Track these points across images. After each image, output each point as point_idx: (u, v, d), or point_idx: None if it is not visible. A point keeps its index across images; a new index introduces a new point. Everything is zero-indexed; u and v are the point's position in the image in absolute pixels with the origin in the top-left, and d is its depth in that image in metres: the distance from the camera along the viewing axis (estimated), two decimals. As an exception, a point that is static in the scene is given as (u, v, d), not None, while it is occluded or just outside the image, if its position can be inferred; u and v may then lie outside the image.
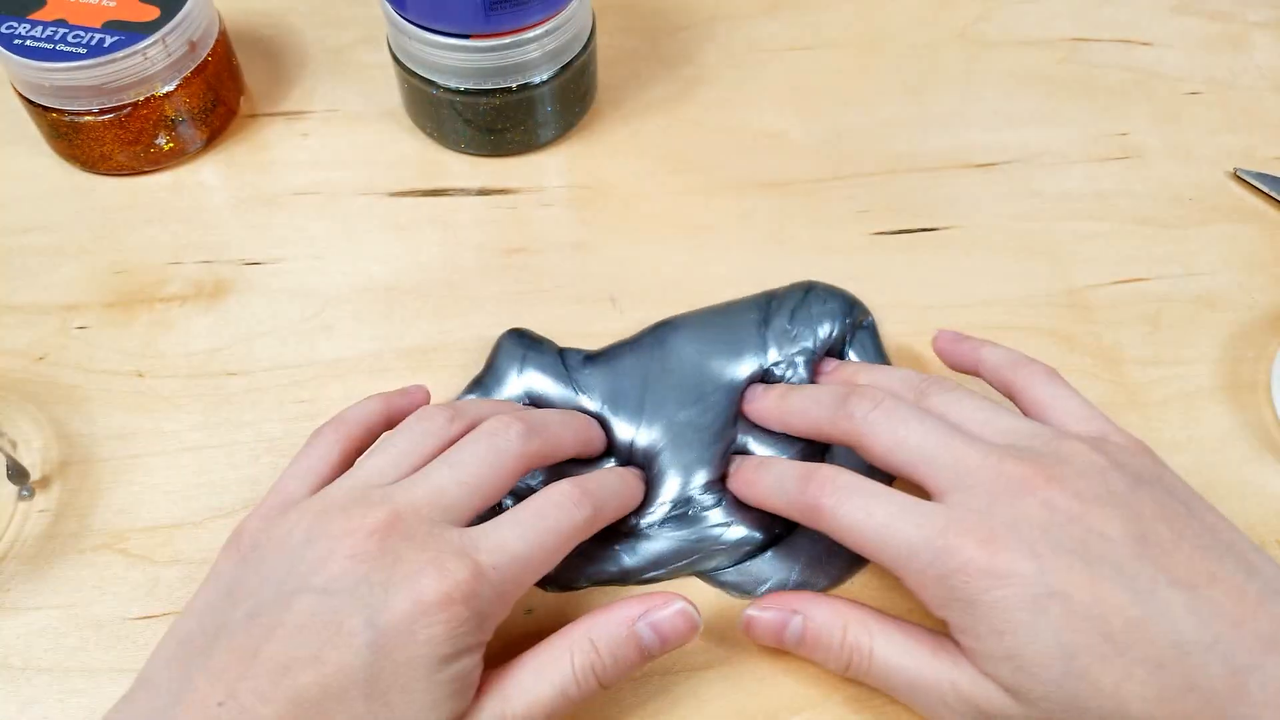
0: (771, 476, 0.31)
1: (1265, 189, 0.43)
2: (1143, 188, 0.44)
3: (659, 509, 0.33)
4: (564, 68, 0.42)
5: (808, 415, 0.32)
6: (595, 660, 0.27)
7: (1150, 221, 0.42)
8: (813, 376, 0.35)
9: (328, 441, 0.31)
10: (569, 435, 0.32)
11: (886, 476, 0.32)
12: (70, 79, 0.39)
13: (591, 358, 0.36)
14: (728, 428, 0.34)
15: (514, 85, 0.41)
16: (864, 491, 0.28)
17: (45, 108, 0.41)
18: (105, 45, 0.39)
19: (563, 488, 0.29)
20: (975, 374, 0.34)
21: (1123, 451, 0.29)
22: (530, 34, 0.40)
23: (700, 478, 0.33)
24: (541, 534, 0.28)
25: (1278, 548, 0.33)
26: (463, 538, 0.27)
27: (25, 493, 0.34)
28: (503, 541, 0.27)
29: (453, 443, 0.30)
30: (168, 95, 0.41)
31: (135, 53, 0.39)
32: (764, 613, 0.30)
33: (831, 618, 0.29)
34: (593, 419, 0.34)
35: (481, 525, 0.28)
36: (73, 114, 0.40)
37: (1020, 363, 0.32)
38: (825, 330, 0.36)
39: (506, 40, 0.39)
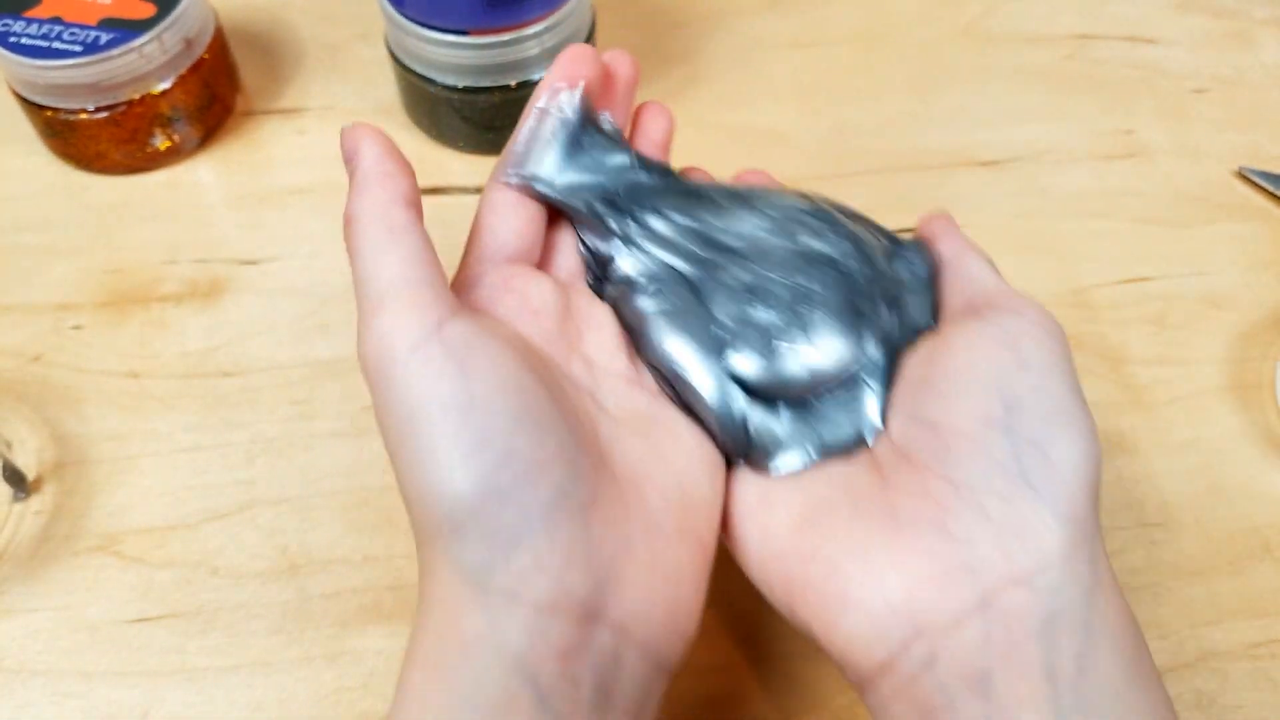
0: None
1: (1270, 188, 0.43)
2: (1148, 186, 0.43)
3: None
4: (563, 65, 0.42)
5: None
6: None
7: (1155, 220, 0.42)
8: None
9: None
10: None
11: None
12: (65, 77, 0.39)
13: None
14: None
15: (513, 83, 0.41)
16: None
17: (40, 106, 0.40)
18: (101, 43, 0.39)
19: None
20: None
21: None
22: (529, 30, 0.39)
23: None
24: None
25: (1284, 550, 0.33)
26: None
27: (20, 494, 0.34)
28: None
29: None
30: (163, 93, 0.41)
31: (131, 50, 0.39)
32: None
33: None
34: None
35: None
36: (68, 112, 0.40)
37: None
38: None
39: (505, 37, 0.39)
